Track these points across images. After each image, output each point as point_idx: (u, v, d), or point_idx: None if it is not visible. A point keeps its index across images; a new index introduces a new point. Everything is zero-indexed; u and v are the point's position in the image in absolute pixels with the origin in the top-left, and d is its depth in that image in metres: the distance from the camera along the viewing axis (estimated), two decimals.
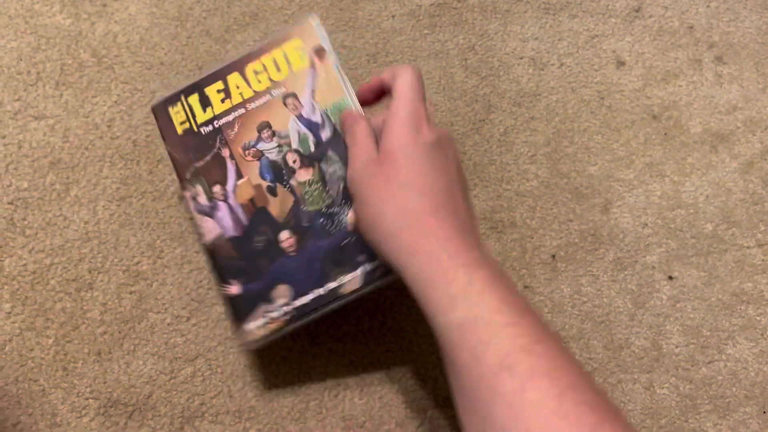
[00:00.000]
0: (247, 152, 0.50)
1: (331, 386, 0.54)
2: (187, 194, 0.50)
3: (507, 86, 0.72)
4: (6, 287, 0.54)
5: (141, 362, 0.53)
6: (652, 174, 0.68)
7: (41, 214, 0.58)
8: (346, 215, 0.48)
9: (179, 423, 0.51)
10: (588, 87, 0.73)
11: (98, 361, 0.53)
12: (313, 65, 0.50)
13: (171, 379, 0.53)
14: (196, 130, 0.51)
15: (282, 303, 0.47)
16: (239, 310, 0.48)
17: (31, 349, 0.52)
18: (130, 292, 0.56)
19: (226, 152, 0.50)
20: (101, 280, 0.56)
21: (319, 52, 0.51)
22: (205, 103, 0.51)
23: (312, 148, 0.49)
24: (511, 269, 0.61)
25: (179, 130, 0.51)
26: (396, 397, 0.54)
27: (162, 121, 0.52)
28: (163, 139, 0.52)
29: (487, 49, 0.71)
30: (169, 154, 0.52)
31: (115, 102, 0.63)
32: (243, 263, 0.48)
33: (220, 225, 0.49)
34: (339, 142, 0.49)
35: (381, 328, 0.57)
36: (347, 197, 0.48)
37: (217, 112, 0.51)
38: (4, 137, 0.61)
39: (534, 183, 0.66)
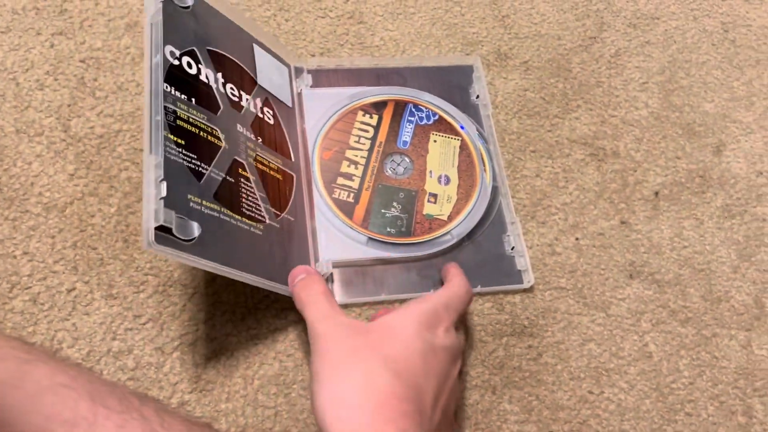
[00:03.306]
0: None
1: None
2: None
3: (623, 4, 0.66)
4: (71, 148, 0.51)
5: None
6: None
7: (113, 77, 0.54)
8: None
9: (241, 313, 0.48)
10: (712, 17, 0.66)
11: None
12: None
13: None
14: None
15: None
16: None
17: (92, 216, 0.49)
18: None
19: None
20: None
21: None
22: None
23: None
24: (609, 201, 0.55)
25: None
26: (470, 318, 0.50)
27: None
28: None
29: None
30: None
31: None
32: None
33: None
34: None
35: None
36: None
37: None
38: None
39: (643, 112, 0.60)
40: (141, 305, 0.47)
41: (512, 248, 0.52)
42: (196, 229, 0.39)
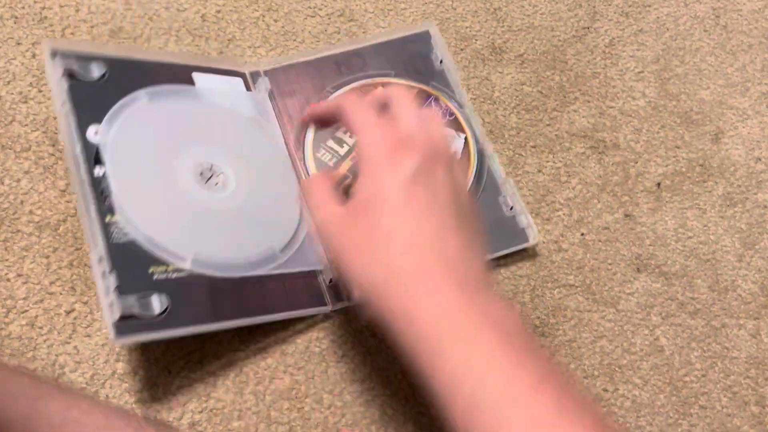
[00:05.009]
0: None
1: None
2: None
3: None
4: (61, 162, 0.49)
5: None
6: None
7: None
8: None
9: (248, 326, 0.46)
10: (702, 3, 0.66)
11: None
12: None
13: None
14: None
15: None
16: None
17: None
18: None
19: None
20: None
21: None
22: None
23: None
24: (612, 195, 0.55)
25: None
26: None
27: None
28: None
29: None
30: None
31: None
32: None
33: None
34: None
35: None
36: None
37: None
38: None
39: (640, 102, 0.59)
40: None
41: (511, 208, 0.51)
42: (161, 301, 0.39)
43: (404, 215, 0.34)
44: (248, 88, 0.53)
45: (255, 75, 0.54)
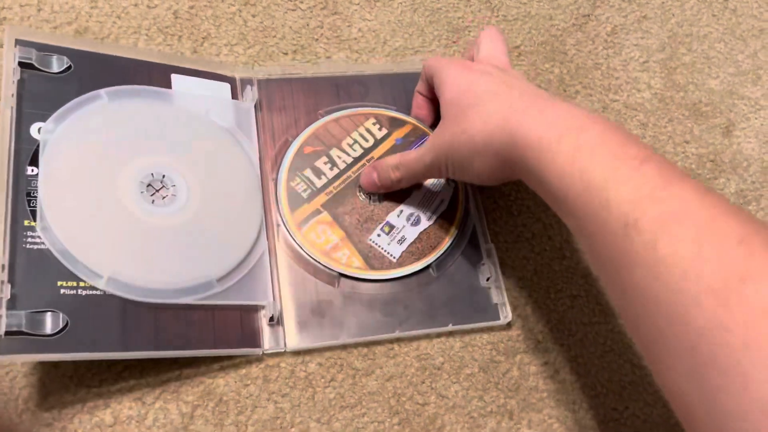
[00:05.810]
0: None
1: None
2: None
3: None
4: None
5: None
6: None
7: None
8: None
9: None
10: None
11: None
12: None
13: None
14: None
15: None
16: None
17: None
18: None
19: None
20: None
21: None
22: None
23: None
24: None
25: None
26: (479, 337, 0.46)
27: None
28: None
29: None
30: None
31: None
32: None
33: None
34: None
35: None
36: None
37: None
38: None
39: (646, 95, 0.56)
40: None
41: (488, 279, 0.46)
42: (56, 320, 0.36)
43: (488, 85, 0.39)
44: (235, 96, 0.49)
45: (245, 82, 0.50)
